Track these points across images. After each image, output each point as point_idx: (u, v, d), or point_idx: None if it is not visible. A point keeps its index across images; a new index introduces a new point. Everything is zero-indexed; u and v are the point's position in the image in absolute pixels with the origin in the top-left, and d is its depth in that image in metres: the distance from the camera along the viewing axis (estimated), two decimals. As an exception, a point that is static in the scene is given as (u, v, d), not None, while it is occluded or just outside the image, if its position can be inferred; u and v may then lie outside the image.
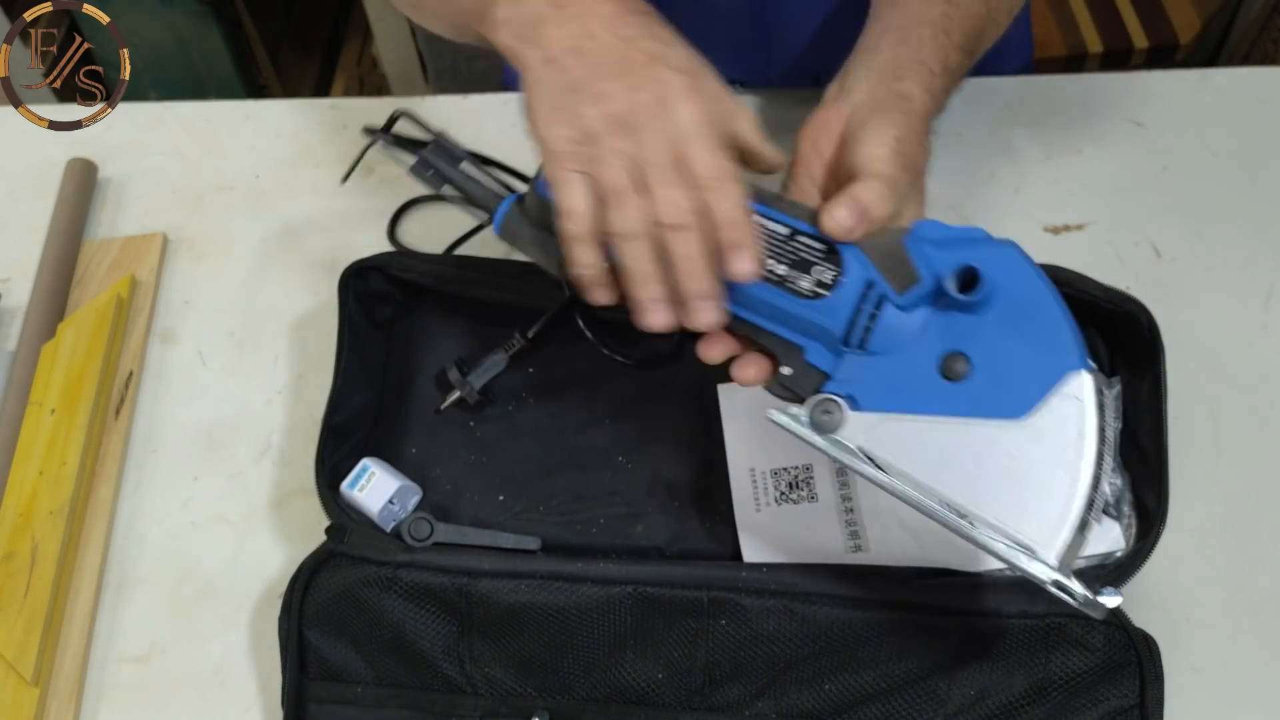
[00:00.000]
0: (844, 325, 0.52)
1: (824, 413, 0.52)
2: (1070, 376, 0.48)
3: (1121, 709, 0.61)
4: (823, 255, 0.53)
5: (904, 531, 0.68)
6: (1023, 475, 0.48)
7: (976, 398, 0.49)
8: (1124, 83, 0.92)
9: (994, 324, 0.50)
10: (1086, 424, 0.47)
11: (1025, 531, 0.48)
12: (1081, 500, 0.47)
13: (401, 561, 0.65)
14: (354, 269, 0.74)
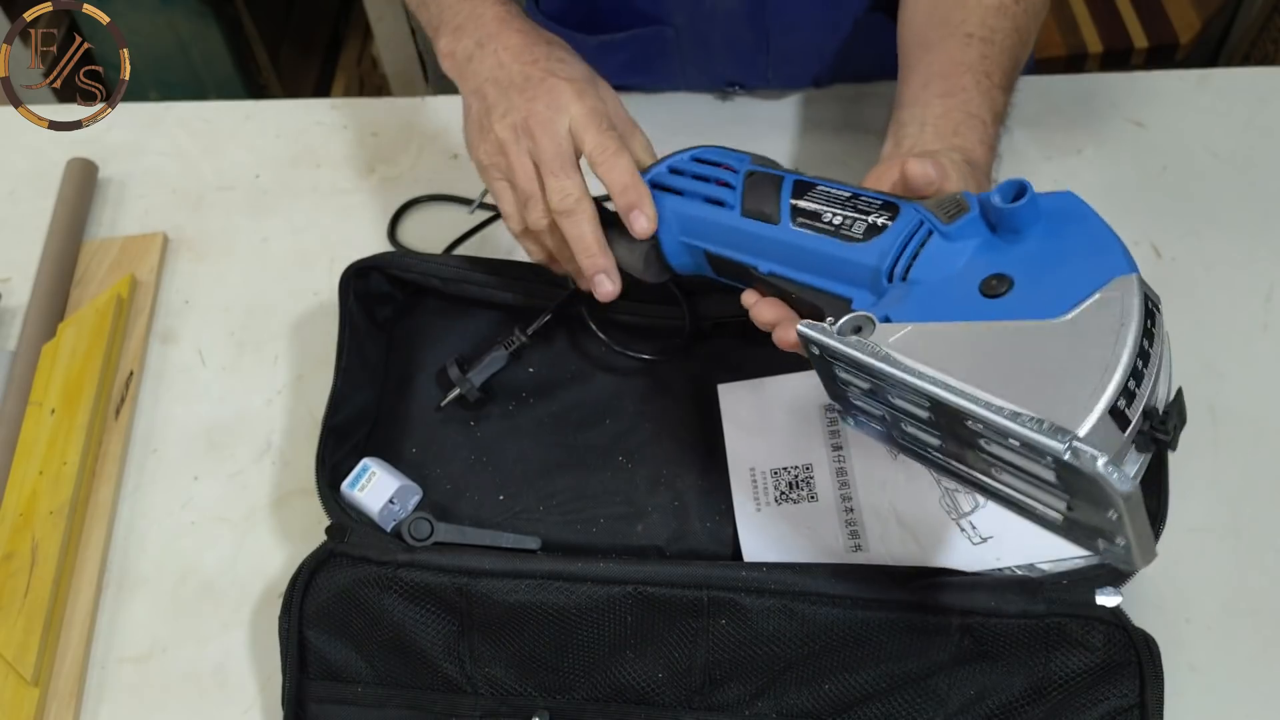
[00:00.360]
0: (890, 259, 0.53)
1: (854, 328, 0.50)
2: (1116, 279, 0.46)
3: (1121, 709, 0.61)
4: (880, 207, 0.55)
5: (904, 531, 0.68)
6: (1057, 367, 0.44)
7: (1014, 306, 0.48)
8: (1124, 83, 0.92)
9: (1039, 247, 0.49)
10: (1128, 316, 0.44)
11: (1051, 413, 0.43)
12: (1115, 383, 0.43)
13: (402, 561, 0.65)
14: (354, 269, 0.74)
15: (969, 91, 0.64)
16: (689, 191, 0.63)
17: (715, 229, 0.61)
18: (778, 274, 0.58)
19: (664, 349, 0.74)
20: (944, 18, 0.69)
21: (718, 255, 0.62)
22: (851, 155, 0.89)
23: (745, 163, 0.62)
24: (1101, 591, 0.61)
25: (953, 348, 0.47)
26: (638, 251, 0.65)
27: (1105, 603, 0.61)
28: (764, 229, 0.58)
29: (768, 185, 0.60)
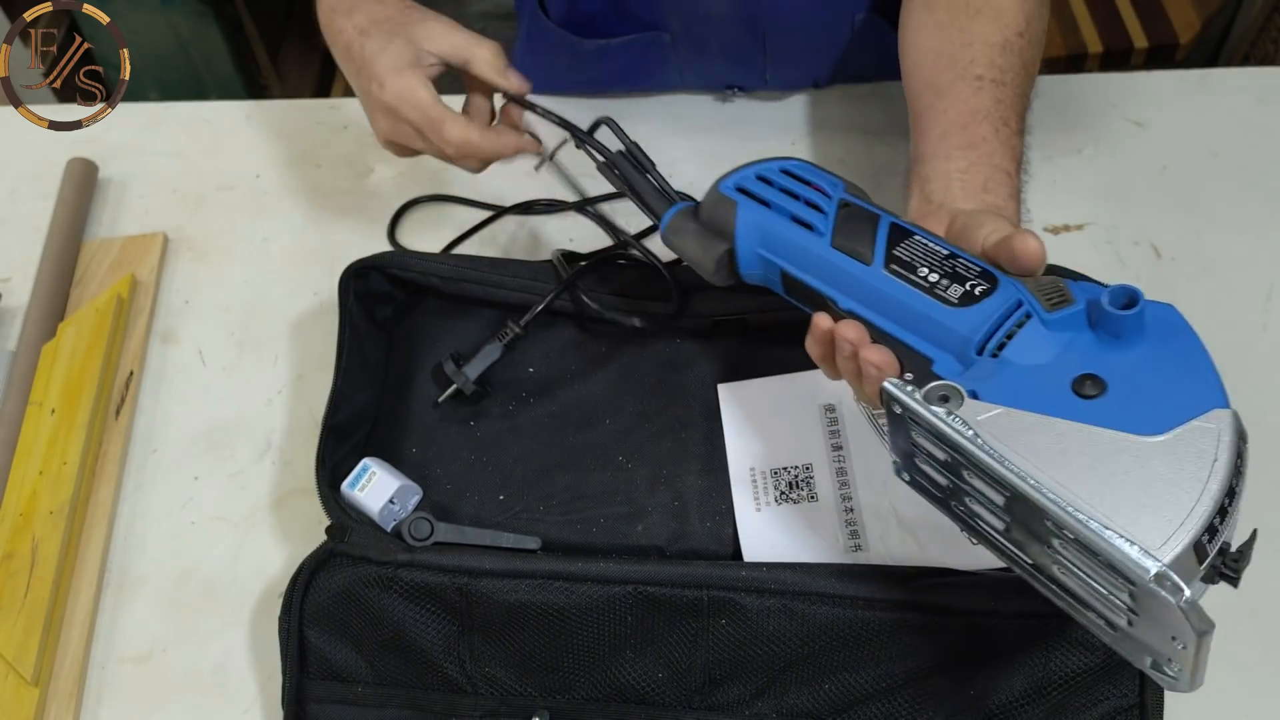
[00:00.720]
0: (984, 333, 0.52)
1: (940, 397, 0.49)
2: (1215, 411, 0.47)
3: (1121, 709, 0.61)
4: (977, 274, 0.54)
5: (904, 531, 0.68)
6: (1145, 485, 0.45)
7: (1107, 413, 0.47)
8: (1124, 83, 0.92)
9: (1139, 357, 0.49)
10: (1222, 451, 0.46)
11: (1134, 530, 0.44)
12: (1203, 516, 0.44)
13: (402, 561, 0.65)
14: (354, 269, 0.74)
15: (990, 143, 0.64)
16: (776, 205, 0.61)
17: (800, 252, 0.60)
18: (859, 314, 0.57)
19: (651, 318, 0.74)
20: (951, 58, 0.68)
21: (796, 278, 0.60)
22: (852, 155, 0.89)
23: (839, 189, 0.61)
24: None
25: (1041, 442, 0.47)
26: (712, 252, 0.63)
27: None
28: (853, 266, 0.57)
29: (863, 221, 0.58)
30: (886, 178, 0.87)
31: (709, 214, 0.64)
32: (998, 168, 0.63)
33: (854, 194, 0.61)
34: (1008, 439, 0.47)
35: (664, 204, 0.68)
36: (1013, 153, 0.65)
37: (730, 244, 0.63)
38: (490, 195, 0.89)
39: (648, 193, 0.69)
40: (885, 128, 0.90)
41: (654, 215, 0.68)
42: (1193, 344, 0.49)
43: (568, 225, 0.87)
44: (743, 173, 0.64)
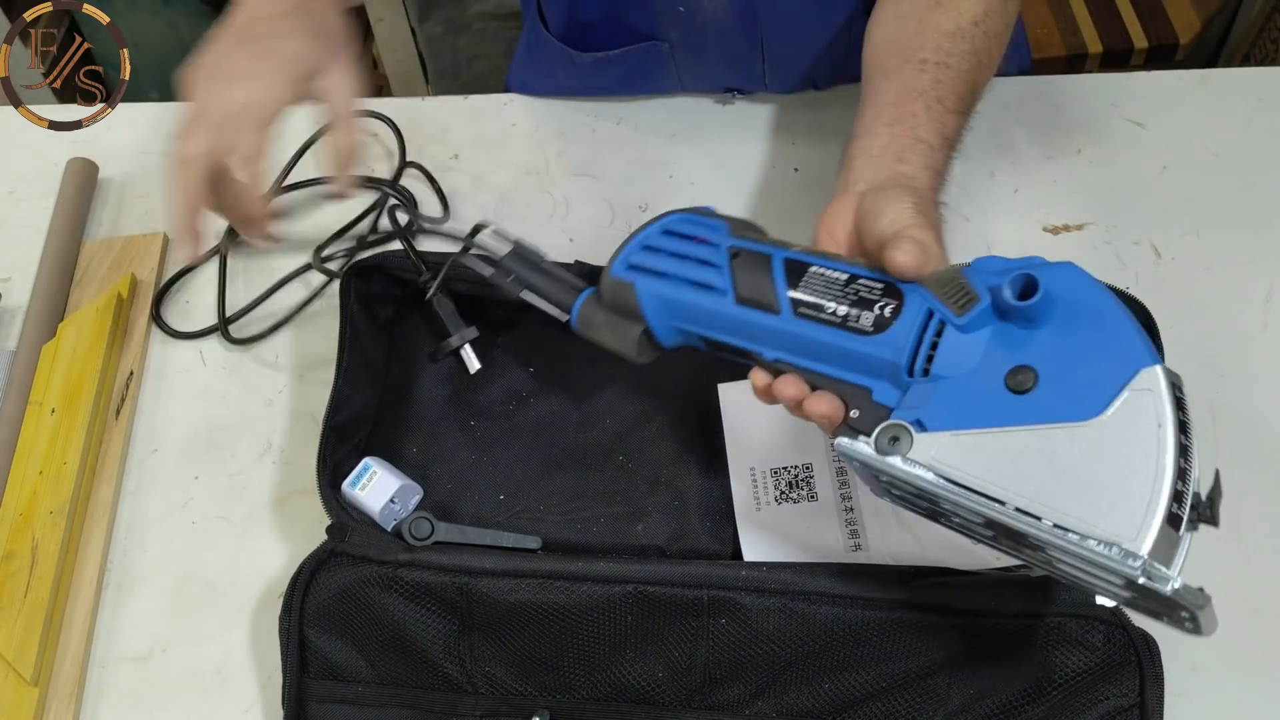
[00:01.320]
0: (907, 354, 0.52)
1: (891, 439, 0.50)
2: (1142, 372, 0.47)
3: (1121, 709, 0.61)
4: (882, 293, 0.53)
5: (904, 531, 0.68)
6: (1102, 474, 0.46)
7: (1046, 405, 0.48)
8: (1124, 83, 0.92)
9: (1057, 334, 0.49)
10: (1162, 413, 0.46)
11: (1109, 528, 0.45)
12: (1167, 489, 0.44)
13: (402, 561, 0.65)
14: (355, 269, 0.74)
15: (918, 117, 0.64)
16: (671, 274, 0.59)
17: (709, 316, 0.58)
18: (786, 361, 0.56)
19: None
20: (904, 45, 0.69)
21: (716, 340, 0.59)
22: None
23: (723, 233, 0.59)
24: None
25: (997, 460, 0.48)
26: (629, 338, 0.61)
27: (1105, 602, 0.60)
28: (764, 318, 0.56)
29: (757, 268, 0.57)
30: (886, 178, 0.87)
31: (612, 300, 0.62)
32: (920, 139, 0.63)
33: (740, 234, 0.59)
34: (965, 465, 0.48)
35: (569, 295, 0.65)
36: (941, 129, 0.64)
37: (643, 324, 0.61)
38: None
39: (548, 289, 0.66)
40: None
41: (562, 310, 0.66)
42: (1104, 301, 0.49)
43: (568, 225, 0.87)
44: (629, 249, 0.62)
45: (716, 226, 0.60)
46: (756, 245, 0.58)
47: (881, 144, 0.63)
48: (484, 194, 0.89)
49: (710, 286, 0.58)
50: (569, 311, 0.65)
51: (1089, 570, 0.46)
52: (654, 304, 0.60)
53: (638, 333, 0.61)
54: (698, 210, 0.62)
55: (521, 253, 0.69)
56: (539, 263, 0.68)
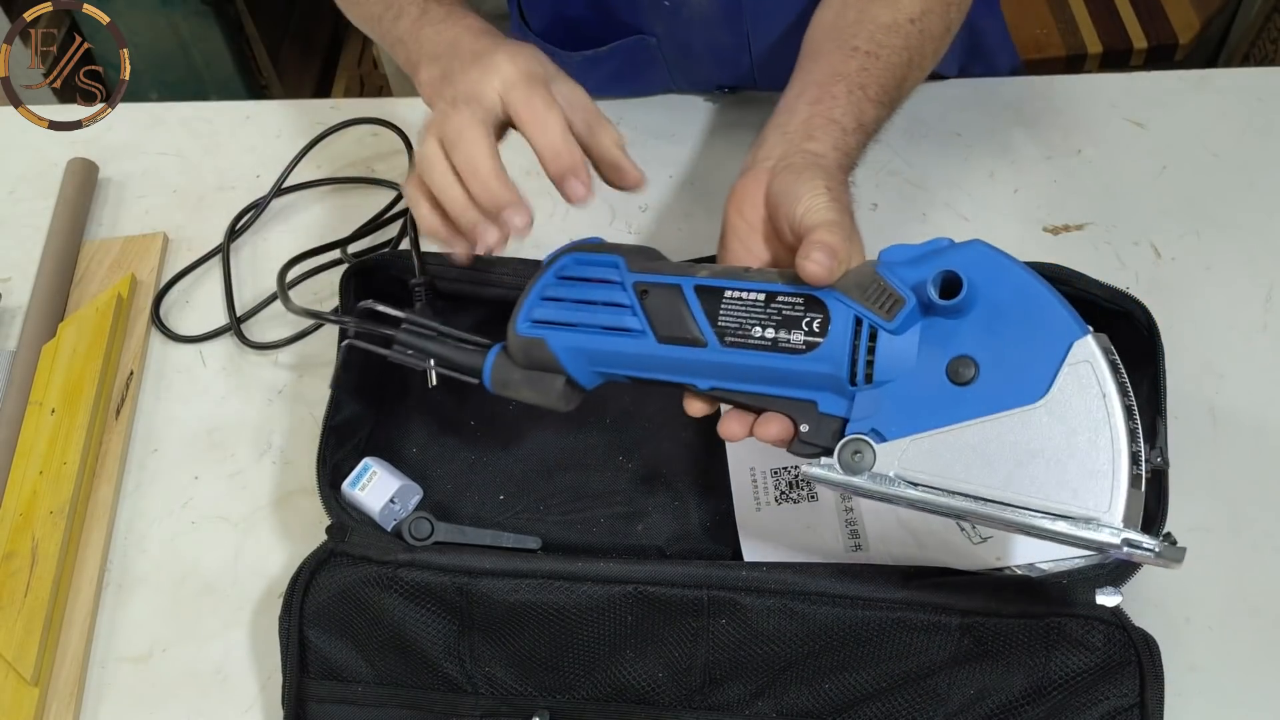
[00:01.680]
0: (845, 366, 0.52)
1: (854, 454, 0.51)
2: (1075, 345, 0.48)
3: (1121, 709, 0.61)
4: (805, 308, 0.54)
5: (904, 531, 0.68)
6: (1060, 452, 0.48)
7: (992, 394, 0.49)
8: (1124, 83, 0.92)
9: (986, 320, 0.50)
10: (1104, 382, 0.47)
11: (1082, 504, 0.47)
12: (1124, 453, 0.47)
13: (402, 561, 0.65)
14: (355, 269, 0.74)
15: (838, 100, 0.65)
16: (583, 323, 0.58)
17: (633, 359, 0.57)
18: (723, 389, 0.56)
19: None
20: (839, 32, 0.70)
21: (646, 379, 0.58)
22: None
23: (621, 269, 0.58)
24: (1101, 591, 0.61)
25: (959, 458, 0.49)
26: (552, 390, 0.60)
27: (1105, 602, 0.61)
28: (691, 353, 0.55)
29: (671, 302, 0.56)
30: (886, 178, 0.87)
31: (524, 358, 0.61)
32: (834, 121, 0.64)
33: (639, 267, 0.58)
34: (930, 468, 0.50)
35: (475, 356, 0.64)
36: (859, 114, 0.65)
37: (564, 376, 0.60)
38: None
39: (452, 357, 0.64)
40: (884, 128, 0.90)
41: (472, 374, 0.64)
42: (1021, 278, 0.50)
43: (568, 225, 0.87)
44: (529, 304, 0.60)
45: (612, 262, 0.59)
46: (662, 277, 0.57)
47: (798, 121, 0.64)
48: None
49: (627, 330, 0.57)
50: (479, 374, 0.63)
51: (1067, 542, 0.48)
52: (571, 355, 0.59)
53: (560, 385, 0.60)
54: (585, 246, 0.61)
55: (413, 326, 0.66)
56: (436, 330, 0.66)
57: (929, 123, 0.90)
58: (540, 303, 0.60)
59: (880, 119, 0.67)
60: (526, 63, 0.62)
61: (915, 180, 0.87)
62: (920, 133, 0.90)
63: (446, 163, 0.62)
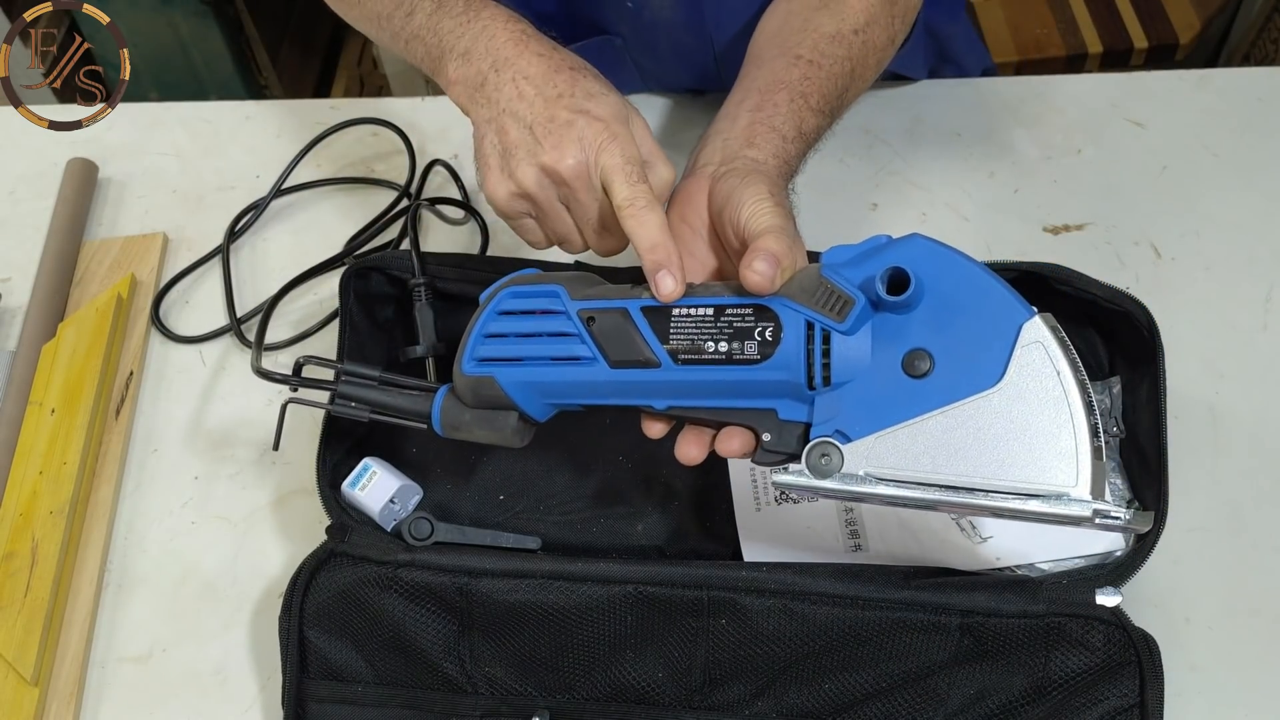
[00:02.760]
0: (802, 371, 0.52)
1: (821, 457, 0.52)
2: (1024, 328, 0.49)
3: (1121, 709, 0.61)
4: (755, 318, 0.54)
5: (904, 531, 0.68)
6: (1021, 433, 0.49)
7: (950, 384, 0.50)
8: (1124, 83, 0.92)
9: (935, 312, 0.51)
10: (1057, 361, 0.49)
11: (1050, 481, 0.48)
12: (1084, 427, 0.48)
13: (402, 561, 0.65)
14: (354, 269, 0.74)
15: (779, 108, 0.65)
16: (530, 357, 0.58)
17: (585, 387, 0.57)
18: (680, 407, 0.56)
19: None
20: (784, 39, 0.70)
21: (602, 405, 0.58)
22: (852, 155, 0.89)
23: (563, 298, 0.58)
24: (1101, 591, 0.61)
25: (926, 448, 0.50)
26: (505, 427, 0.60)
27: (1105, 603, 0.61)
28: (645, 375, 0.55)
29: (619, 324, 0.56)
30: (886, 178, 0.87)
31: (473, 398, 0.60)
32: (775, 129, 0.64)
33: (580, 294, 0.58)
34: (897, 463, 0.51)
35: (420, 402, 0.63)
36: (799, 123, 0.65)
37: (516, 411, 0.60)
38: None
39: (397, 404, 0.63)
40: (885, 128, 0.90)
41: (421, 419, 0.63)
42: (964, 267, 0.51)
43: (568, 225, 0.87)
44: (472, 343, 0.60)
45: (552, 292, 0.58)
46: (606, 302, 0.57)
47: (739, 128, 0.64)
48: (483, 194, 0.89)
49: (577, 359, 0.57)
50: (427, 419, 0.62)
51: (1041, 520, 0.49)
52: (522, 391, 0.59)
53: (513, 422, 0.60)
54: (521, 279, 0.60)
55: (352, 377, 0.65)
56: (376, 379, 0.64)
57: (929, 123, 0.90)
58: (484, 340, 0.59)
59: (821, 128, 0.68)
60: (622, 145, 0.59)
61: (915, 180, 0.87)
62: (920, 133, 0.90)
63: (561, 207, 0.62)
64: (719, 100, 0.91)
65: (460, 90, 0.64)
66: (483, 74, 0.62)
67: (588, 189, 0.60)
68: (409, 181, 0.90)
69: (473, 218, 0.87)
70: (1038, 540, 0.66)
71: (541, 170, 0.60)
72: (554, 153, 0.59)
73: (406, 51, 0.70)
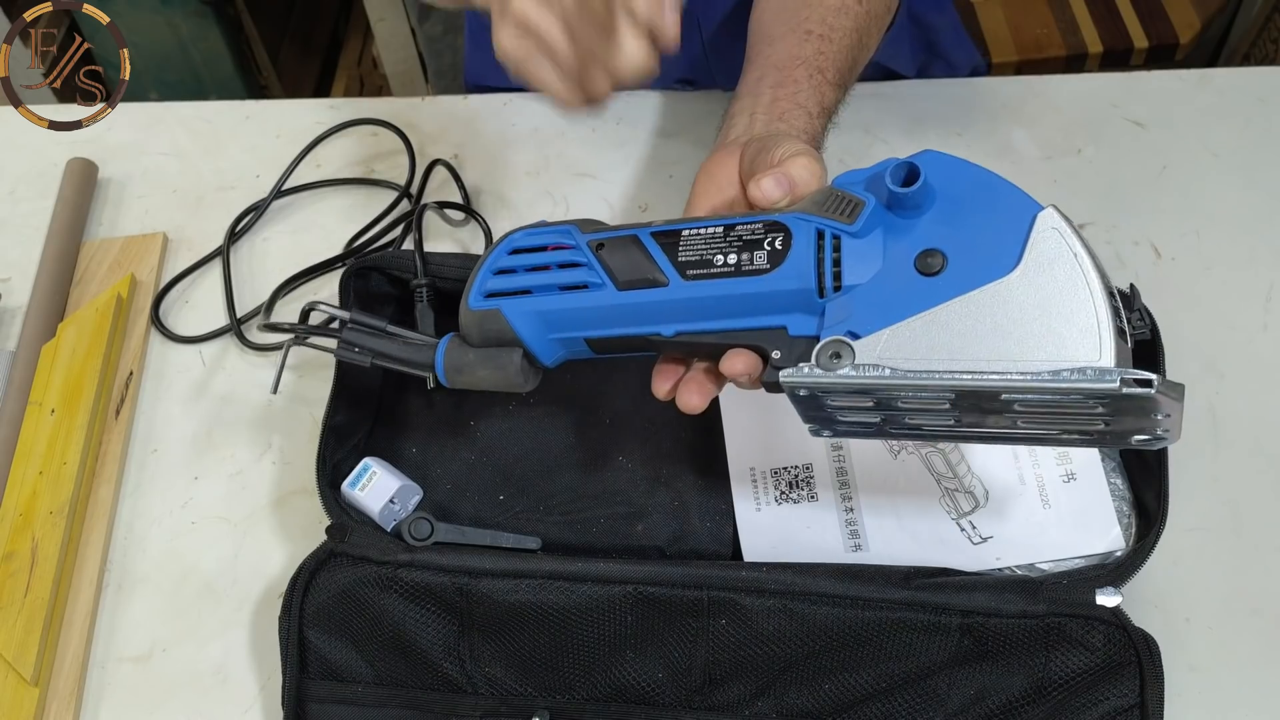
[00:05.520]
0: (813, 277, 0.51)
1: (832, 355, 0.50)
2: (1039, 216, 0.48)
3: (1121, 709, 0.61)
4: (765, 230, 0.53)
5: (904, 531, 0.68)
6: (1041, 315, 0.47)
7: (965, 276, 0.49)
8: (1124, 83, 0.92)
9: (946, 212, 0.50)
10: (1073, 244, 0.48)
11: (1073, 356, 0.46)
12: (1104, 305, 0.46)
13: (402, 561, 0.65)
14: (354, 269, 0.74)
15: (800, 84, 0.65)
16: (537, 287, 0.58)
17: (593, 314, 0.57)
18: (688, 332, 0.55)
19: None
20: (790, 14, 0.70)
21: (606, 338, 0.57)
22: (851, 154, 0.89)
23: (574, 234, 0.58)
24: (1101, 591, 0.61)
25: (941, 336, 0.48)
26: (508, 367, 0.59)
27: (1105, 603, 0.61)
28: (654, 295, 0.55)
29: (628, 249, 0.56)
30: (886, 178, 0.87)
31: (478, 335, 0.60)
32: (800, 106, 0.65)
33: (592, 229, 0.58)
34: (913, 352, 0.48)
35: (424, 352, 0.63)
36: (821, 98, 0.66)
37: (520, 347, 0.59)
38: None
39: (400, 353, 0.64)
40: (885, 128, 0.90)
41: (425, 369, 0.63)
42: (974, 171, 0.51)
43: (568, 225, 0.87)
44: (480, 278, 0.59)
45: (564, 230, 0.58)
46: (617, 232, 0.57)
47: (765, 103, 0.65)
48: (484, 194, 0.90)
49: (585, 284, 0.56)
50: (431, 368, 0.62)
51: (1063, 409, 0.47)
52: (528, 322, 0.58)
53: (518, 359, 0.59)
54: (533, 225, 0.60)
55: (358, 324, 0.65)
56: (382, 328, 0.65)
57: (929, 123, 0.90)
58: (491, 276, 0.59)
59: (838, 101, 0.69)
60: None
61: (915, 180, 0.87)
62: (920, 133, 0.90)
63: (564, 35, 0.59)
64: (711, 93, 0.92)
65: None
66: None
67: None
68: (409, 181, 0.90)
69: (474, 219, 0.87)
70: (1038, 540, 0.66)
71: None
72: None
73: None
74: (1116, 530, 0.66)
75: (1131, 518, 0.67)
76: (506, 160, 0.91)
